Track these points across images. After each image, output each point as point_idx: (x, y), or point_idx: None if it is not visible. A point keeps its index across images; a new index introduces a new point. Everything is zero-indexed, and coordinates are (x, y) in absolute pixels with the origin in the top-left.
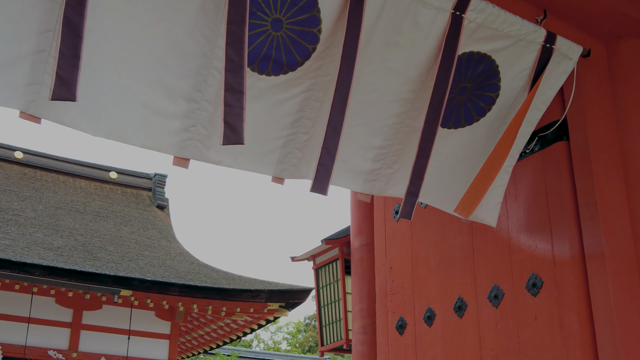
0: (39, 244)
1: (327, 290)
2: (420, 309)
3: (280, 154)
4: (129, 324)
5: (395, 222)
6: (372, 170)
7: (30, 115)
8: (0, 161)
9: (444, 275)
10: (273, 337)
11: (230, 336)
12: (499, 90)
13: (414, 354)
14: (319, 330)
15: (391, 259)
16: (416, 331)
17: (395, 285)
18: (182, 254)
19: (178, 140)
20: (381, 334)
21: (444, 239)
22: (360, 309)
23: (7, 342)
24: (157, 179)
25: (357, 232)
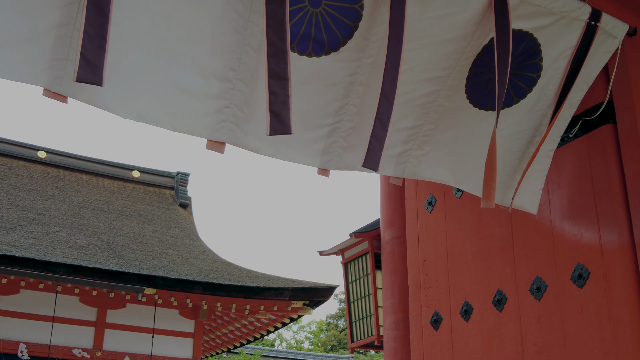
0: (63, 243)
1: (357, 285)
2: (456, 303)
3: (325, 143)
4: (153, 322)
5: (429, 213)
6: (403, 152)
7: (55, 94)
8: (24, 161)
9: (481, 267)
10: (295, 336)
11: (254, 334)
12: (541, 70)
13: (450, 350)
14: (348, 326)
15: (424, 252)
16: (452, 326)
17: (429, 278)
18: (205, 252)
19: (211, 122)
20: (415, 329)
21: (481, 229)
22: (391, 304)
23: (32, 342)
24: (180, 178)
25: (387, 224)
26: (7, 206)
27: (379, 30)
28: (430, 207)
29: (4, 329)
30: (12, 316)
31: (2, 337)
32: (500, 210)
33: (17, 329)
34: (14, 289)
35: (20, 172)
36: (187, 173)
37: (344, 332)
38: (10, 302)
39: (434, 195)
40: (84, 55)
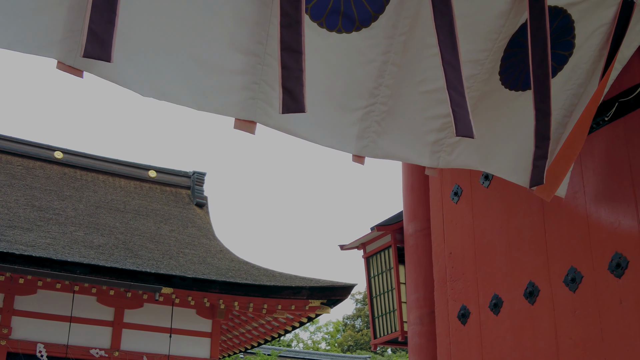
0: (80, 243)
1: (379, 280)
2: (485, 296)
3: (359, 127)
4: (171, 322)
5: (454, 204)
6: (437, 141)
7: (69, 67)
8: (41, 161)
9: (511, 258)
10: (312, 337)
11: (272, 334)
12: (573, 48)
13: (478, 345)
14: (371, 322)
15: (450, 244)
16: (481, 320)
17: (455, 271)
18: (222, 252)
19: (239, 99)
20: (441, 324)
21: (511, 219)
22: (416, 299)
23: (49, 342)
24: (196, 177)
25: (411, 217)
26: (24, 206)
27: (411, 6)
28: (456, 197)
29: (22, 329)
30: (30, 316)
31: (20, 338)
32: (531, 198)
33: (34, 329)
34: (32, 289)
35: (37, 173)
36: (203, 172)
37: (360, 332)
38: (28, 303)
39: (460, 185)
40: (92, 29)
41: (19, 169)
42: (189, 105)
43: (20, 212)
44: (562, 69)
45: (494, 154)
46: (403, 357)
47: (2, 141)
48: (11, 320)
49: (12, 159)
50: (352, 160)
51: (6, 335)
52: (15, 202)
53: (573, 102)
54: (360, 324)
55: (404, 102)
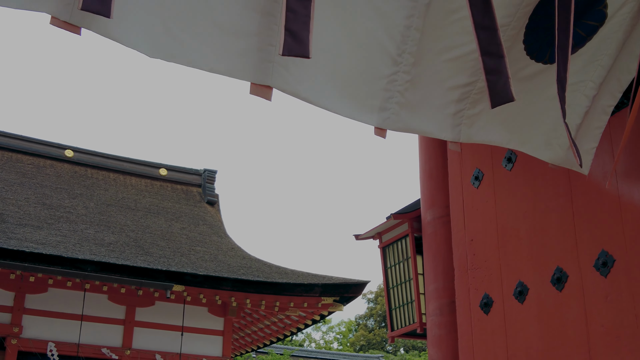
0: (91, 240)
1: (396, 270)
2: (509, 284)
3: (382, 98)
4: (182, 320)
5: (475, 189)
6: (457, 113)
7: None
8: (51, 160)
9: (537, 244)
10: (324, 337)
11: (284, 332)
12: (605, 18)
13: (503, 335)
14: (387, 314)
15: (472, 231)
16: (505, 309)
17: (477, 259)
18: (234, 249)
19: (254, 62)
20: (462, 314)
21: (536, 203)
22: (435, 289)
23: (60, 340)
24: (207, 175)
25: (429, 204)
26: (34, 204)
27: None
28: (477, 182)
29: (33, 328)
30: (41, 315)
31: (31, 336)
32: (558, 180)
33: (45, 328)
34: (42, 288)
35: (47, 171)
36: (214, 170)
37: (372, 332)
38: (39, 301)
39: (481, 169)
40: None
41: (29, 167)
42: (200, 67)
43: (30, 210)
44: (591, 39)
45: (517, 128)
46: (416, 356)
47: (13, 140)
48: (22, 319)
49: (23, 158)
50: (374, 133)
51: (17, 334)
52: (25, 200)
53: (601, 74)
54: (372, 324)
55: (427, 72)
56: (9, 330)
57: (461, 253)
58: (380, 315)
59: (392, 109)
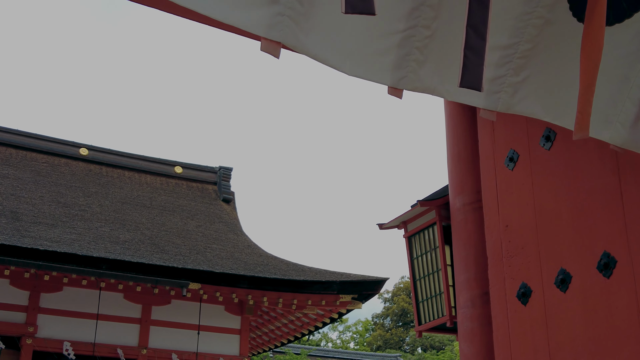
0: (106, 238)
1: (423, 261)
2: (549, 272)
3: (396, 55)
4: (199, 318)
5: (510, 171)
6: (496, 78)
7: None
8: (66, 158)
9: (581, 227)
10: (341, 337)
11: (301, 331)
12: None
13: (543, 326)
14: (414, 308)
15: (506, 216)
16: (545, 299)
17: (513, 246)
18: (250, 247)
19: (266, 14)
20: (497, 305)
21: (579, 183)
22: (466, 279)
23: (76, 340)
24: (222, 173)
25: (458, 189)
26: (49, 203)
27: None
28: (512, 163)
29: (48, 327)
30: (56, 314)
31: (46, 336)
32: (604, 158)
33: (61, 327)
34: (57, 287)
35: (62, 170)
36: (229, 168)
37: (390, 331)
38: (54, 300)
39: (516, 150)
40: None
41: (44, 165)
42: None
43: (45, 208)
44: None
45: (562, 100)
46: (434, 355)
47: (27, 138)
48: (37, 319)
49: (37, 156)
50: (388, 92)
51: (32, 334)
52: (40, 198)
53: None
54: (389, 323)
55: (451, 27)
56: (24, 330)
57: (495, 240)
58: (397, 314)
59: (410, 67)
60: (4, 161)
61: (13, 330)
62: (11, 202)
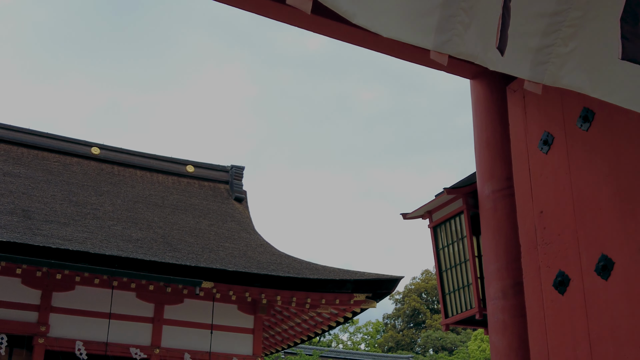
0: (118, 237)
1: (449, 252)
2: (589, 258)
3: (440, 17)
4: (212, 318)
5: (544, 154)
6: (542, 48)
7: None
8: (78, 157)
9: (624, 211)
10: (352, 338)
11: (315, 330)
12: None
13: (583, 316)
14: (440, 300)
15: (540, 201)
16: (585, 287)
17: (549, 232)
18: (263, 246)
19: None
20: (532, 295)
21: (620, 165)
22: (496, 269)
23: (88, 339)
24: (234, 172)
25: (487, 176)
26: (60, 201)
27: None
28: (546, 146)
29: (60, 327)
30: (69, 313)
31: (58, 335)
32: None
33: (73, 326)
34: (69, 286)
35: (74, 169)
36: (241, 167)
37: (401, 332)
38: (66, 299)
39: (550, 132)
40: None
41: (55, 165)
42: None
43: (57, 207)
44: None
45: (614, 74)
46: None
47: (39, 137)
48: (49, 318)
49: (49, 156)
50: (431, 56)
51: (44, 333)
52: (52, 197)
53: None
54: (400, 324)
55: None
56: (36, 329)
57: (528, 227)
58: (408, 315)
59: (454, 30)
60: (16, 160)
61: (25, 329)
62: (23, 201)
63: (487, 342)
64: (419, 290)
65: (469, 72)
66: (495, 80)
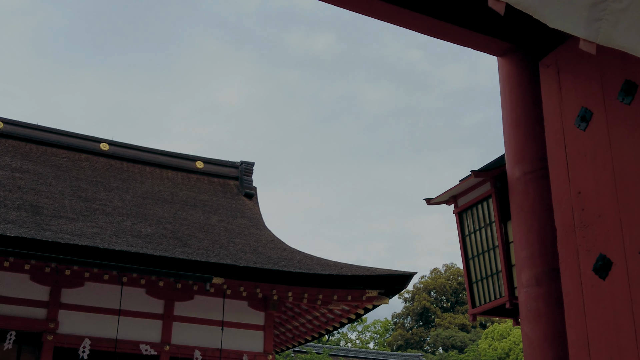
0: (127, 232)
1: (476, 238)
2: (633, 241)
3: None
4: (222, 314)
5: (582, 132)
6: (596, 4)
7: None
8: (87, 153)
9: None
10: (361, 337)
11: (326, 327)
12: None
13: (627, 302)
14: (467, 289)
15: (578, 182)
16: (629, 270)
17: (588, 214)
18: (274, 242)
19: None
20: (569, 281)
21: None
22: (529, 255)
23: (98, 336)
24: (244, 168)
25: (517, 158)
26: (69, 197)
27: None
28: (584, 123)
29: (70, 323)
30: (78, 310)
31: (67, 332)
32: None
33: (82, 323)
34: (79, 282)
35: (82, 165)
36: (251, 162)
37: (410, 331)
38: (75, 296)
39: (588, 108)
40: None
41: (64, 160)
42: None
43: (65, 202)
44: None
45: None
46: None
47: (47, 133)
48: (58, 314)
49: (57, 152)
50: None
51: (53, 330)
52: (60, 193)
53: None
54: (409, 322)
55: None
56: (45, 326)
57: (565, 210)
58: (417, 313)
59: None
60: (24, 156)
61: (34, 326)
62: (31, 197)
63: (498, 341)
64: (428, 288)
65: (497, 49)
66: (525, 57)
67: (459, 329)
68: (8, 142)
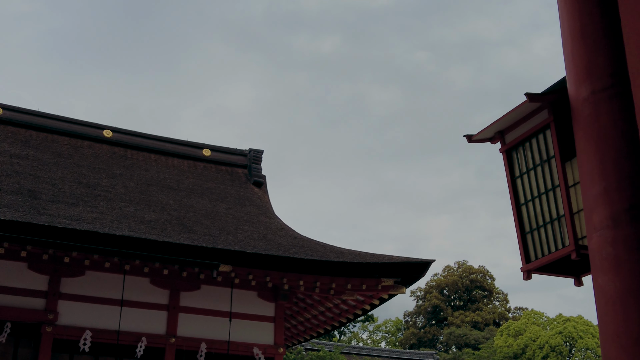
0: (130, 217)
1: (530, 179)
2: None
3: None
4: (230, 305)
5: None
6: None
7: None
8: (89, 140)
9: None
10: (372, 336)
11: (340, 319)
12: None
13: None
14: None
15: None
16: None
17: None
18: (284, 230)
19: None
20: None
21: None
22: (602, 191)
23: (99, 327)
24: (253, 155)
25: (583, 75)
26: (69, 183)
27: None
28: None
29: (70, 314)
30: (78, 300)
31: (67, 323)
32: None
33: (83, 314)
34: (79, 270)
35: (85, 152)
36: (260, 150)
37: (422, 330)
38: (76, 285)
39: None
40: None
41: (65, 147)
42: None
43: (65, 188)
44: None
45: None
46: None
47: (48, 120)
48: (58, 305)
49: (59, 138)
50: None
51: (53, 321)
52: (60, 179)
53: None
54: (421, 321)
55: None
56: (43, 317)
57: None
58: (429, 312)
59: None
60: (24, 142)
61: (32, 317)
62: (29, 182)
63: (513, 337)
64: (440, 286)
65: None
66: None
67: (471, 327)
68: (7, 129)
